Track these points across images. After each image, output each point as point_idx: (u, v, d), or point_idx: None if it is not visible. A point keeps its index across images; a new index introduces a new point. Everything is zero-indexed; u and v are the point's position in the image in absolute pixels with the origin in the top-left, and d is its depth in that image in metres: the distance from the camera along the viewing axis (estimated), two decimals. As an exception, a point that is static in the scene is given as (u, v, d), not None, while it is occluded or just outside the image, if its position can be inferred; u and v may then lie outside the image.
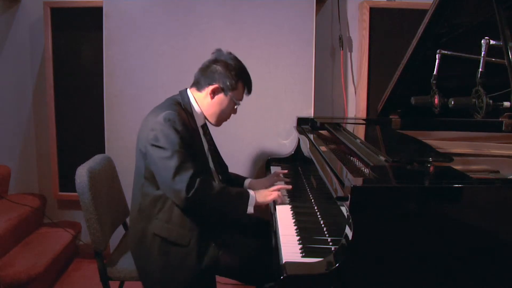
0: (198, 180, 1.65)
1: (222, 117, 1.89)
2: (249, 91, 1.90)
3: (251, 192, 1.80)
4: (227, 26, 2.62)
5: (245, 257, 1.82)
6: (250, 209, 1.77)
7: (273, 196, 1.82)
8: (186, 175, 1.64)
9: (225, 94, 1.83)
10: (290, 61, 2.64)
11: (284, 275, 1.20)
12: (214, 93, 1.82)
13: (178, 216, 1.73)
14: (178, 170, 1.64)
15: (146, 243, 1.77)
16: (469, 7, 1.83)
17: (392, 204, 1.20)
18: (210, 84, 1.82)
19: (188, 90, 1.89)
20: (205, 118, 1.90)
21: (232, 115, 1.93)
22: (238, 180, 2.14)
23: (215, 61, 1.84)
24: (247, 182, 2.12)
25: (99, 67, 2.70)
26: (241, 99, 1.88)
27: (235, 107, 1.89)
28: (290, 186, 1.95)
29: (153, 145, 1.68)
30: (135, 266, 1.83)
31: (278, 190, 1.86)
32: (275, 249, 1.50)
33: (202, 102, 1.86)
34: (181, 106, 1.82)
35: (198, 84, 1.85)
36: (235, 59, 1.86)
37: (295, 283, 1.21)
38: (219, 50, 1.88)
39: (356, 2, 2.85)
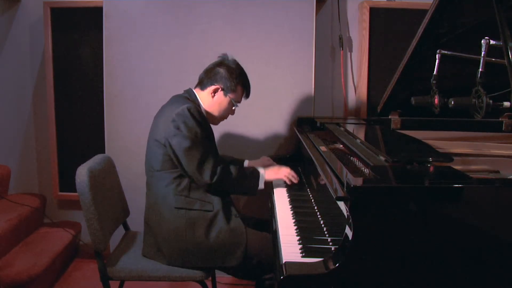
0: (219, 168, 1.84)
1: (220, 116, 2.03)
2: (247, 95, 2.06)
3: (261, 170, 1.98)
4: (227, 26, 2.62)
5: (245, 254, 1.83)
6: (261, 185, 1.96)
7: (281, 174, 2.01)
8: (209, 165, 1.83)
9: (225, 95, 1.97)
10: (290, 61, 2.64)
11: (284, 275, 1.20)
12: (215, 92, 1.97)
13: (197, 191, 1.88)
14: (202, 161, 1.82)
15: (168, 220, 1.85)
16: (469, 7, 1.84)
17: (392, 204, 1.20)
18: (212, 84, 1.97)
19: (193, 89, 2.02)
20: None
21: (230, 115, 2.07)
22: (235, 162, 2.29)
23: (219, 64, 1.99)
24: (246, 163, 2.30)
25: (99, 67, 2.70)
26: (239, 101, 2.03)
27: (233, 108, 2.03)
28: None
29: (175, 135, 1.81)
30: (163, 252, 1.86)
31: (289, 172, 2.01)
32: (275, 249, 1.50)
33: (204, 100, 1.99)
34: (192, 102, 1.93)
35: (201, 84, 2.00)
36: (238, 65, 2.01)
37: (295, 283, 1.21)
38: (224, 55, 2.03)
39: (356, 2, 2.85)
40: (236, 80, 1.96)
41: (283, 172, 2.02)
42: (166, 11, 2.62)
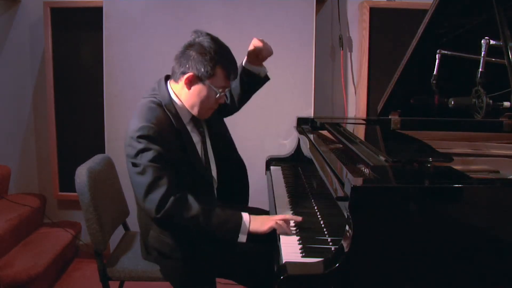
0: (171, 199, 1.50)
1: (204, 108, 1.65)
2: (235, 76, 1.65)
3: (245, 217, 1.56)
4: (227, 26, 2.62)
5: (245, 258, 1.81)
6: (242, 238, 1.54)
7: (271, 225, 1.53)
8: (157, 193, 1.51)
9: (203, 83, 1.59)
10: (290, 61, 2.64)
11: (284, 275, 1.20)
12: (190, 83, 1.60)
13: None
14: (150, 188, 1.52)
15: (150, 250, 1.80)
16: (469, 7, 1.84)
17: (392, 204, 1.20)
18: (184, 73, 1.60)
19: (168, 83, 1.70)
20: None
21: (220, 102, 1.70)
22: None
23: (190, 45, 1.60)
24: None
25: (99, 67, 2.70)
26: (223, 86, 1.62)
27: (217, 96, 1.63)
28: (300, 218, 1.60)
29: (128, 159, 1.59)
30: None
31: (283, 220, 1.54)
32: (275, 249, 1.49)
33: (181, 94, 1.64)
34: (163, 108, 1.64)
35: (174, 75, 1.65)
36: (213, 40, 1.59)
37: (295, 283, 1.21)
38: (195, 32, 1.63)
39: (356, 2, 2.85)
40: (211, 61, 1.55)
41: (274, 218, 1.55)
42: (166, 11, 2.63)
